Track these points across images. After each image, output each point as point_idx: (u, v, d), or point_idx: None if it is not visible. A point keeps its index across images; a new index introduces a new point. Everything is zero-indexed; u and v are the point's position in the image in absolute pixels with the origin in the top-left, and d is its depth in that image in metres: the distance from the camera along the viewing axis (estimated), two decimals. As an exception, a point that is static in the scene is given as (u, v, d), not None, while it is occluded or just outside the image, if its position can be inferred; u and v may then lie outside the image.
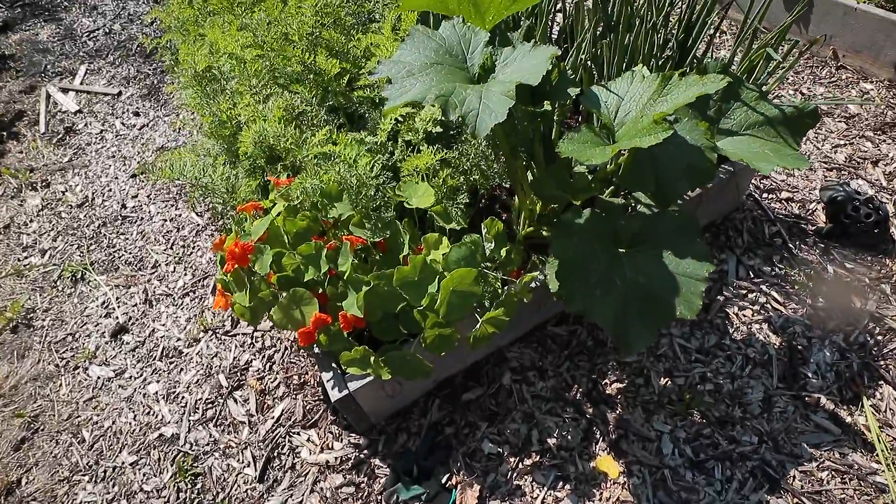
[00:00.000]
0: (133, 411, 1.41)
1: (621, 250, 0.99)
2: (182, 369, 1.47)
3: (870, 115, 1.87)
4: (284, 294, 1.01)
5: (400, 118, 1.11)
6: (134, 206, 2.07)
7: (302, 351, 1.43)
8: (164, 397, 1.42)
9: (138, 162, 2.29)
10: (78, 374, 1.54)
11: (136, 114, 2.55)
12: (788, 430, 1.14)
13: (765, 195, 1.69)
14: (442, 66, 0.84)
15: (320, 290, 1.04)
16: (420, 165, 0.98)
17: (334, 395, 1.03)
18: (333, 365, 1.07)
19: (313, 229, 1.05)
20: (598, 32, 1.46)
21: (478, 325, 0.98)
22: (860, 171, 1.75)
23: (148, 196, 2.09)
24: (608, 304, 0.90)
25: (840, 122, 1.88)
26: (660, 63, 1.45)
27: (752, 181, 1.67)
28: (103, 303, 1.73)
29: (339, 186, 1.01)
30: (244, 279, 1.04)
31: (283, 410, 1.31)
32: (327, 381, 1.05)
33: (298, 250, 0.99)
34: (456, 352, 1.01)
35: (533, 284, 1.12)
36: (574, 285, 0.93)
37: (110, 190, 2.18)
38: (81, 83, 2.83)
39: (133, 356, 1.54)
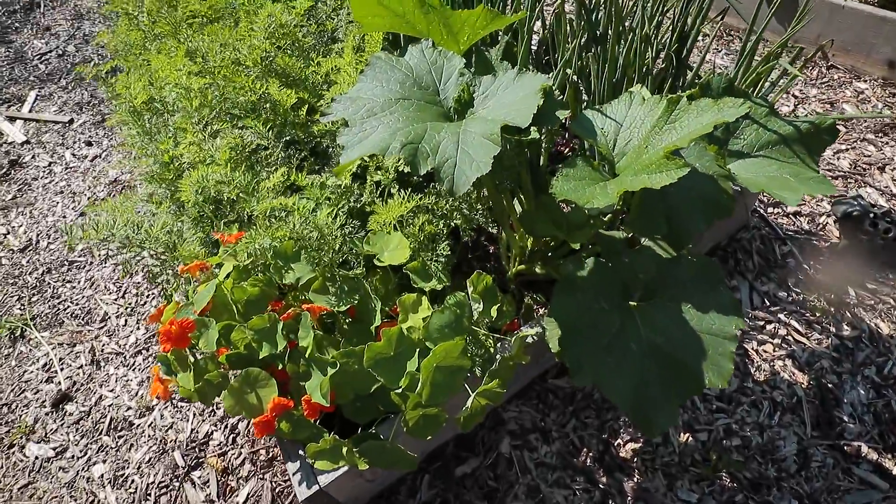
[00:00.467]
0: (75, 500, 1.21)
1: (632, 303, 0.85)
2: (132, 445, 1.27)
3: (869, 117, 1.78)
4: (236, 375, 0.84)
5: (366, 156, 0.96)
6: (83, 250, 1.87)
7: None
8: (110, 481, 1.22)
9: (89, 198, 2.08)
10: (13, 453, 1.33)
11: (89, 143, 2.35)
12: (831, 489, 1.01)
13: (770, 209, 1.57)
14: (409, 101, 0.69)
15: (280, 366, 0.87)
16: (390, 218, 0.82)
17: (302, 492, 0.86)
18: (301, 452, 0.89)
19: (268, 295, 0.88)
20: (582, 42, 1.33)
21: (469, 401, 0.82)
22: (867, 178, 1.64)
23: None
24: (624, 375, 0.75)
25: (839, 124, 1.79)
26: (653, 75, 1.32)
27: (758, 196, 1.55)
28: (45, 365, 1.52)
29: (295, 245, 0.84)
30: (186, 359, 0.87)
31: (248, 494, 1.13)
32: (293, 473, 0.88)
33: (250, 324, 0.82)
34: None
35: (529, 340, 0.96)
36: (581, 353, 0.77)
37: (57, 231, 1.97)
38: (31, 111, 2.62)
39: (76, 430, 1.34)
